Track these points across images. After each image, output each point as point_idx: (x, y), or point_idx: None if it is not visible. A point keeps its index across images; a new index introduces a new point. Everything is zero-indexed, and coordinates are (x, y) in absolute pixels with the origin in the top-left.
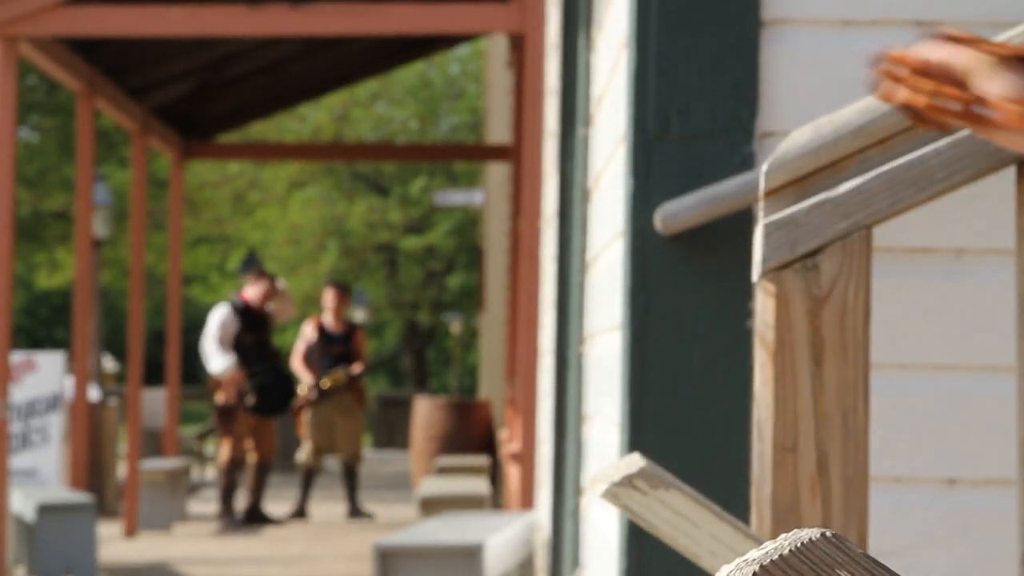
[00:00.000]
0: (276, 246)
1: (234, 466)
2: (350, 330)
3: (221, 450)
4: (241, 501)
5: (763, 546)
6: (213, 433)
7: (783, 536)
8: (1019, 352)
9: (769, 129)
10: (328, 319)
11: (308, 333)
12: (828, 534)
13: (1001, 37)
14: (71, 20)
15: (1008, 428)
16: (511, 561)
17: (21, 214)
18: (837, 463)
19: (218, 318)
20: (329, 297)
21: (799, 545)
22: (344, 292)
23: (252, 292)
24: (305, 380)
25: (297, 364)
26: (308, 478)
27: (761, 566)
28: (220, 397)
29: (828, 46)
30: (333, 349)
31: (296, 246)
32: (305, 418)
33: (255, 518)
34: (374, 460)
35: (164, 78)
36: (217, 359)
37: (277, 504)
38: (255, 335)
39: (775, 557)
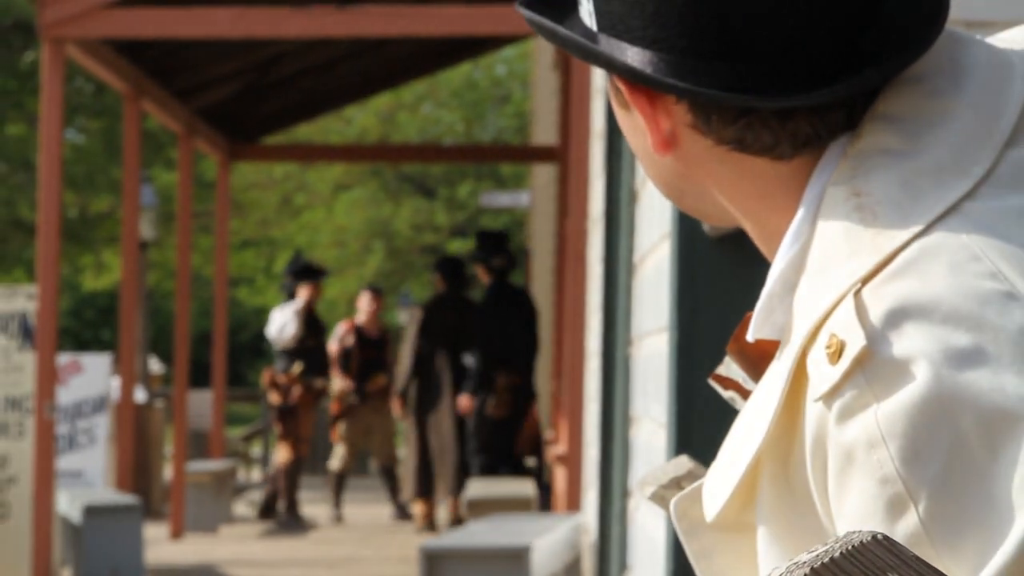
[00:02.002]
0: (322, 248)
1: (297, 467)
2: (385, 334)
3: (280, 451)
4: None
5: (813, 549)
6: (260, 435)
7: (833, 539)
8: None
9: None
10: (366, 323)
11: (343, 336)
12: (879, 537)
13: None
14: (117, 22)
15: None
16: (558, 564)
17: (68, 216)
18: None
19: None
20: (366, 300)
21: (850, 548)
22: (380, 296)
23: (304, 295)
24: (343, 386)
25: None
26: (341, 483)
27: (812, 569)
28: (274, 398)
29: None
30: (371, 354)
31: (342, 248)
32: (342, 423)
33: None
34: None
35: (210, 80)
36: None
37: (311, 507)
38: (316, 339)
39: (826, 560)
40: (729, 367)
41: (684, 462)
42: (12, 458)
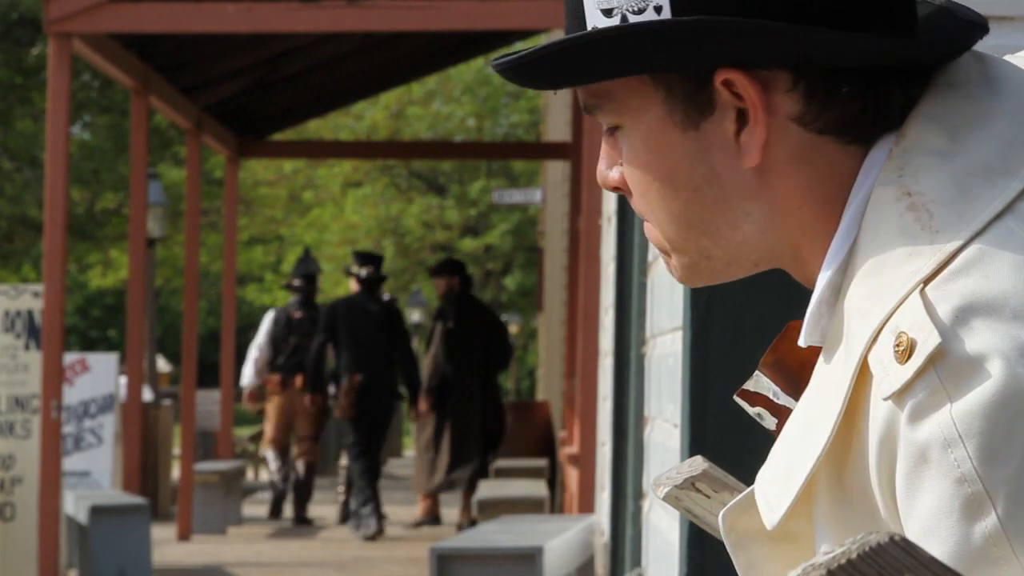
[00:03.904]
0: (331, 246)
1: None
2: None
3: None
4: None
5: (829, 550)
6: None
7: (850, 540)
8: None
9: None
10: None
11: None
12: (896, 538)
13: None
14: (123, 17)
15: None
16: (571, 565)
17: (75, 213)
18: None
19: None
20: None
21: (867, 549)
22: None
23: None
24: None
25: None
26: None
27: (828, 570)
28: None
29: None
30: None
31: (351, 246)
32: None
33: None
34: None
35: (218, 75)
36: None
37: (320, 508)
38: None
39: (842, 561)
40: (758, 382)
41: (699, 463)
42: (18, 458)
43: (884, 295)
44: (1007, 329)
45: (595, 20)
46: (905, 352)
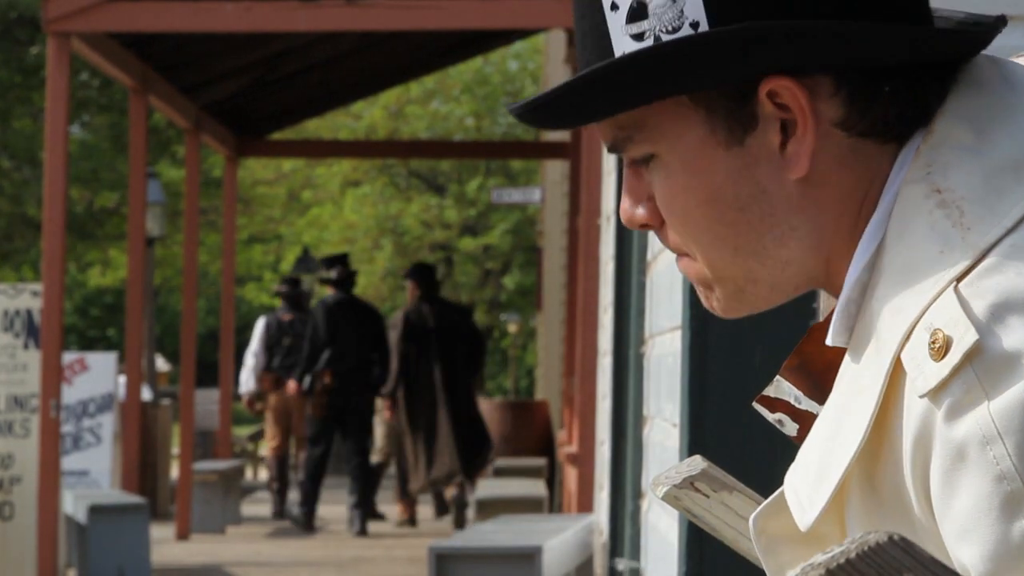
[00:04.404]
0: (330, 245)
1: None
2: None
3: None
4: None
5: (828, 550)
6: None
7: (849, 539)
8: None
9: None
10: None
11: None
12: (895, 538)
13: None
14: (123, 16)
15: None
16: (569, 564)
17: (74, 212)
18: None
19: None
20: None
21: (866, 549)
22: None
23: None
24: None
25: None
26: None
27: (827, 570)
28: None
29: None
30: None
31: (350, 245)
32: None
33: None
34: None
35: (217, 75)
36: None
37: (323, 507)
38: None
39: (841, 561)
40: (779, 387)
41: (698, 462)
42: (17, 457)
43: (916, 293)
44: None
45: (623, 46)
46: (941, 349)
